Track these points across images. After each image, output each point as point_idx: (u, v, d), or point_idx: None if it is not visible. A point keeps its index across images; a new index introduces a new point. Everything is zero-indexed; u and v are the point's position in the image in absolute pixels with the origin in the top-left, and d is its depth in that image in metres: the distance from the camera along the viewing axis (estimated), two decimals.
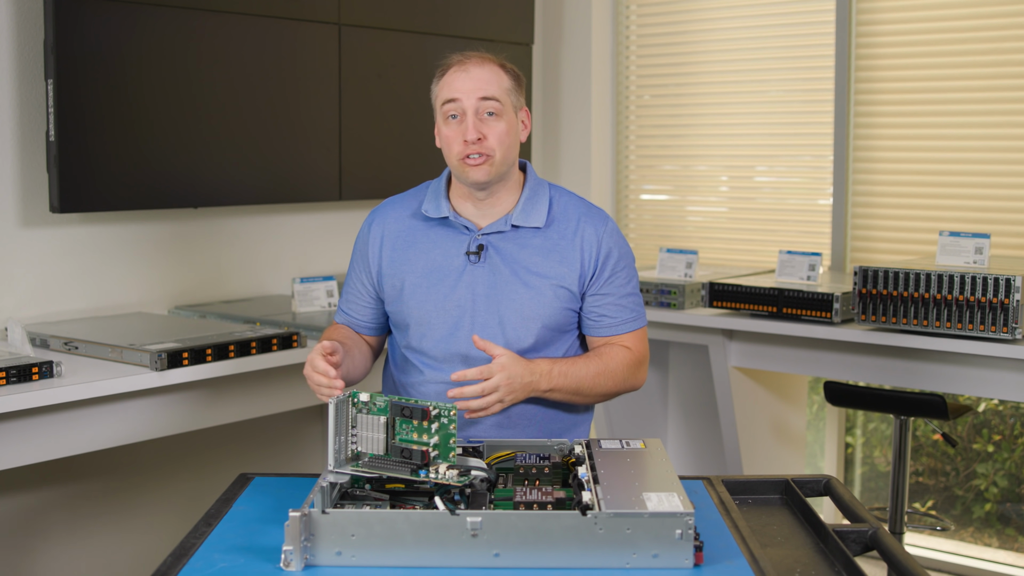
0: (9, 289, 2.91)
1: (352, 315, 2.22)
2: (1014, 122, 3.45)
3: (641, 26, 4.30)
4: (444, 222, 2.12)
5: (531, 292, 2.07)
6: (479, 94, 2.02)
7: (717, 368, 3.51)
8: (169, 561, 1.56)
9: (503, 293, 2.07)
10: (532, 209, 2.10)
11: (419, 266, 2.11)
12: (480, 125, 2.02)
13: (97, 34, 2.89)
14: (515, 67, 2.11)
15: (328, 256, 3.67)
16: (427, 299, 2.09)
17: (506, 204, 2.11)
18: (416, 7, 3.71)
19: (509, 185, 2.11)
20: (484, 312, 2.07)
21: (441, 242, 2.11)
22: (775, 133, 4.00)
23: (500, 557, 1.53)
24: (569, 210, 2.13)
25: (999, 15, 3.47)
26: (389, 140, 3.66)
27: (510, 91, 2.06)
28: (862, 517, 1.75)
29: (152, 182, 3.06)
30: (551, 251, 2.09)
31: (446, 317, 2.08)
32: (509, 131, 2.05)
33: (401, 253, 2.13)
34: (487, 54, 2.08)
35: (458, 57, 2.07)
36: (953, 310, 2.96)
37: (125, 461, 3.18)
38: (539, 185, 2.15)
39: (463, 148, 2.02)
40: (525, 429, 2.11)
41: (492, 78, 2.04)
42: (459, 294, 2.07)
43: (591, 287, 2.11)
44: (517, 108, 2.09)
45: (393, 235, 2.15)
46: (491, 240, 2.09)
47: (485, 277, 2.08)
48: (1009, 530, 3.83)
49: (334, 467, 1.70)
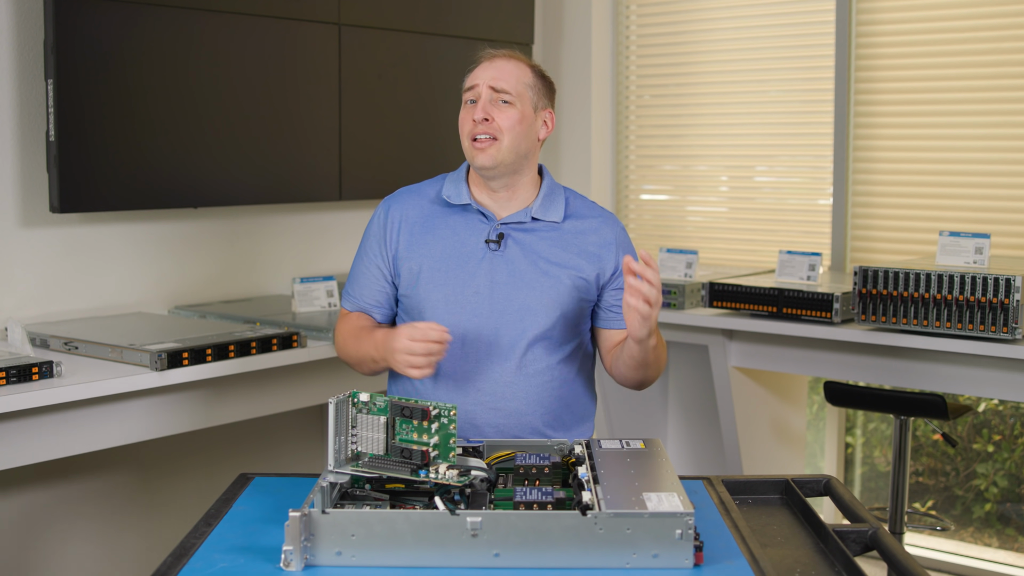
0: (9, 289, 2.91)
1: (363, 300, 2.20)
2: (1014, 122, 3.45)
3: (641, 26, 4.30)
4: (464, 209, 2.16)
5: (550, 281, 2.10)
6: (494, 81, 2.09)
7: (717, 368, 3.51)
8: (169, 561, 1.56)
9: (522, 281, 2.10)
10: (551, 205, 2.16)
11: (437, 251, 2.13)
12: (490, 108, 2.08)
13: (97, 34, 2.89)
14: (545, 71, 2.18)
15: (328, 256, 3.67)
16: (445, 283, 2.11)
17: (523, 198, 2.16)
18: (416, 7, 3.71)
19: (525, 181, 2.16)
20: (502, 299, 2.09)
21: (460, 229, 2.14)
22: (775, 133, 4.00)
23: (500, 557, 1.53)
24: (584, 209, 2.20)
25: (999, 15, 3.47)
26: (389, 140, 3.66)
27: (530, 87, 2.12)
28: (862, 517, 1.75)
29: (152, 182, 3.06)
30: (569, 244, 2.14)
31: (464, 302, 2.10)
32: (521, 120, 2.09)
33: (419, 237, 2.15)
34: (520, 54, 2.17)
35: (490, 52, 2.15)
36: (953, 310, 2.96)
37: (125, 461, 3.18)
38: (555, 185, 2.21)
39: (472, 128, 2.09)
40: (537, 415, 2.12)
41: (513, 70, 2.11)
42: (478, 281, 2.10)
43: (611, 282, 2.16)
44: (537, 106, 2.14)
45: (412, 219, 2.17)
46: (510, 230, 2.13)
47: (504, 265, 2.11)
48: (1009, 530, 3.83)
49: (334, 467, 1.70)
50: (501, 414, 2.11)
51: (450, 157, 3.80)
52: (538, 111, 2.14)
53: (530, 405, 2.11)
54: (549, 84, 2.18)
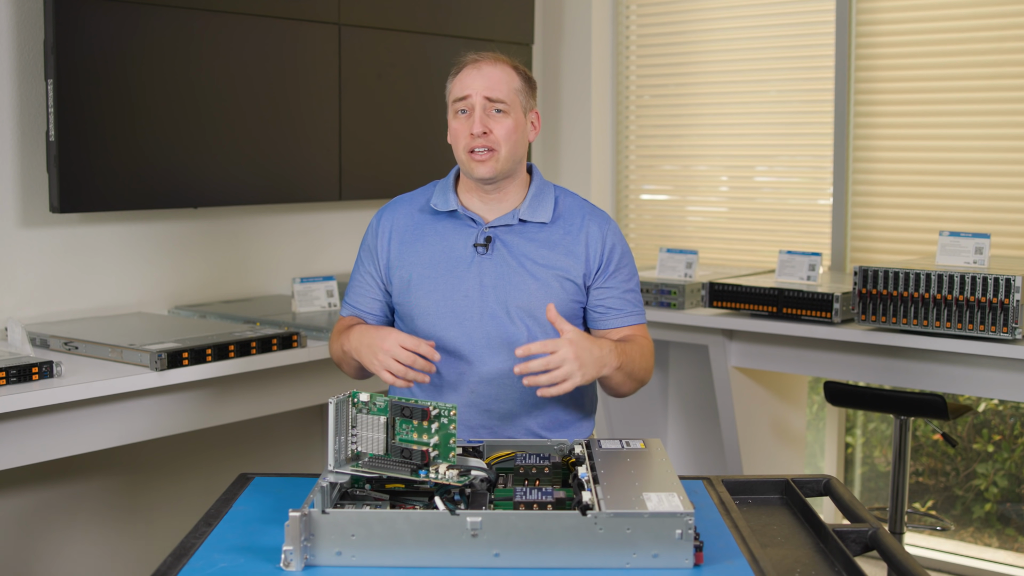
0: (9, 289, 2.91)
1: (359, 307, 2.23)
2: (1014, 122, 3.45)
3: (641, 26, 4.30)
4: (452, 215, 2.16)
5: (538, 283, 2.10)
6: (488, 92, 2.08)
7: (717, 368, 3.51)
8: (169, 561, 1.56)
9: (511, 284, 2.10)
10: (539, 205, 2.15)
11: (426, 257, 2.14)
12: (487, 120, 2.08)
13: (97, 34, 2.89)
14: (527, 70, 2.17)
15: (328, 256, 3.67)
16: (435, 289, 2.11)
17: (513, 200, 2.16)
18: (416, 7, 3.71)
19: (516, 183, 2.16)
20: (492, 302, 2.10)
21: (448, 235, 2.15)
22: (775, 133, 4.00)
23: (500, 557, 1.53)
24: (574, 208, 2.18)
25: (999, 15, 3.47)
26: (389, 140, 3.66)
27: (520, 91, 2.12)
28: (862, 517, 1.75)
29: (152, 182, 3.06)
30: (556, 245, 2.13)
31: (454, 307, 2.10)
32: (516, 128, 2.10)
33: (409, 246, 2.16)
34: (501, 55, 2.15)
35: (473, 56, 2.13)
36: (953, 310, 2.96)
37: (125, 461, 3.18)
38: (545, 184, 2.20)
39: (469, 141, 2.08)
40: (535, 418, 2.12)
41: (503, 77, 2.10)
42: (467, 285, 2.10)
43: (596, 280, 2.15)
44: (526, 109, 2.14)
45: (401, 228, 2.18)
46: (498, 233, 2.13)
47: (493, 268, 2.11)
48: (1009, 530, 3.83)
49: (334, 467, 1.70)
50: (494, 416, 2.12)
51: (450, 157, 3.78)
52: (527, 114, 2.14)
53: (524, 408, 2.12)
54: (533, 84, 2.17)
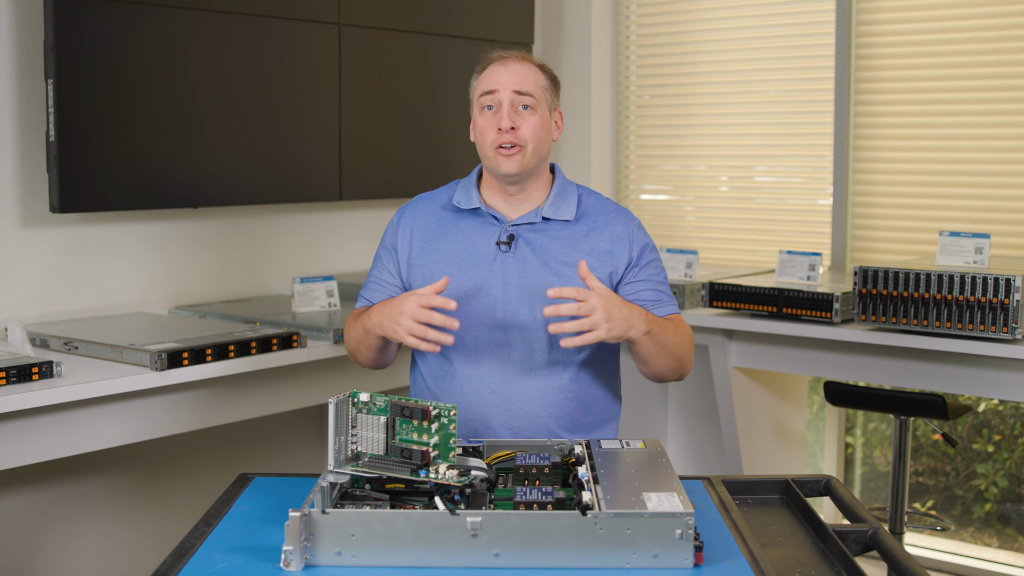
0: (9, 289, 2.91)
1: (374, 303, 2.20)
2: (1014, 122, 3.45)
3: (641, 26, 4.30)
4: (474, 213, 2.16)
5: (562, 281, 2.08)
6: (516, 87, 2.08)
7: (717, 368, 3.51)
8: (169, 561, 1.56)
9: (534, 282, 2.09)
10: (562, 203, 2.15)
11: (449, 255, 2.14)
12: (514, 116, 2.08)
13: (97, 34, 2.89)
14: (552, 70, 2.18)
15: (328, 256, 3.67)
16: (457, 287, 2.10)
17: (536, 199, 2.16)
18: (416, 7, 3.71)
19: (539, 182, 2.16)
20: (515, 301, 2.09)
21: (471, 232, 2.14)
22: (775, 133, 4.00)
23: (500, 557, 1.53)
24: (597, 207, 2.19)
25: (999, 15, 3.47)
26: (389, 140, 3.66)
27: (546, 89, 2.13)
28: (862, 517, 1.75)
29: (152, 182, 3.06)
30: (580, 242, 2.13)
31: (476, 305, 2.09)
32: (542, 126, 2.11)
33: (431, 243, 2.16)
34: (527, 54, 2.16)
35: (499, 53, 2.14)
36: (953, 310, 2.96)
37: (125, 461, 3.18)
38: (568, 183, 2.21)
39: (497, 137, 2.08)
40: (558, 418, 2.11)
41: (530, 74, 2.11)
42: (490, 283, 2.10)
43: (627, 275, 2.14)
44: (552, 107, 2.15)
45: (423, 225, 2.18)
46: (521, 231, 2.13)
47: (516, 267, 2.10)
48: (1009, 530, 3.83)
49: (334, 467, 1.70)
50: (515, 416, 2.10)
51: (450, 157, 3.80)
52: (551, 112, 2.15)
53: (545, 407, 2.11)
54: (558, 83, 2.18)
